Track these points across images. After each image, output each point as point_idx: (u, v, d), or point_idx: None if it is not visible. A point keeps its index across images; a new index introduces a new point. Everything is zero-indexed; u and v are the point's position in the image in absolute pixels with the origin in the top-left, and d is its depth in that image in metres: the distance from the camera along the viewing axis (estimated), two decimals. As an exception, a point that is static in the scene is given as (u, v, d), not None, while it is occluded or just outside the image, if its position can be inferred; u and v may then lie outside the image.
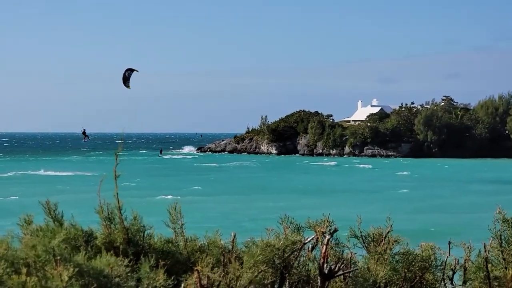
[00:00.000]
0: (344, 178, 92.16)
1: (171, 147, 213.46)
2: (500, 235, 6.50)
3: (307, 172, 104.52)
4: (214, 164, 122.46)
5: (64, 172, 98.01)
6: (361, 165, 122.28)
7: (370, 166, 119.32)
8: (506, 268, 6.42)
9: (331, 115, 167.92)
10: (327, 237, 5.85)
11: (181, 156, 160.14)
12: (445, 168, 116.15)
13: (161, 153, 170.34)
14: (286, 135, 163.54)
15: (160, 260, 5.17)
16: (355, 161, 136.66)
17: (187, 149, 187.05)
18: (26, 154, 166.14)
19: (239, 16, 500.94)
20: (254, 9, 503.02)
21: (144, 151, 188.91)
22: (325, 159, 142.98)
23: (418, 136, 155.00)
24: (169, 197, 57.47)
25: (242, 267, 5.29)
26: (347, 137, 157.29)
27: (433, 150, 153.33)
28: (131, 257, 5.28)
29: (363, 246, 6.50)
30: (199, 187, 75.08)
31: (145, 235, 5.68)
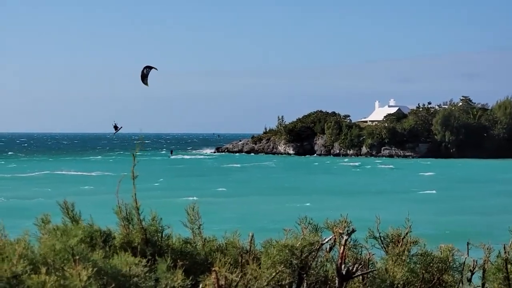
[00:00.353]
0: (367, 179, 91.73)
1: (189, 148, 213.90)
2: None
3: (329, 173, 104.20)
4: (233, 165, 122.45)
5: (84, 172, 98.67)
6: (383, 166, 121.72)
7: (392, 167, 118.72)
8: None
9: (348, 115, 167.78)
10: (345, 237, 5.84)
11: (201, 156, 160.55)
12: (467, 169, 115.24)
13: (171, 153, 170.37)
14: (303, 135, 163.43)
15: (178, 261, 5.18)
16: (376, 161, 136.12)
17: (206, 150, 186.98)
18: (45, 154, 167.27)
19: (255, 16, 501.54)
20: (270, 7, 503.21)
21: (163, 151, 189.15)
22: (346, 159, 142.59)
23: (435, 137, 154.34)
24: (191, 198, 57.21)
25: (260, 268, 5.29)
26: (364, 137, 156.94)
27: (451, 150, 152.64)
28: (149, 257, 5.29)
29: (382, 247, 6.48)
30: (220, 188, 75.09)
31: (163, 236, 5.69)
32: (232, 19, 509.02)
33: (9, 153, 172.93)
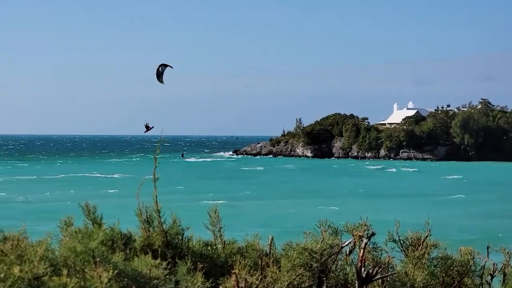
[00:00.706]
0: (393, 182, 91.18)
1: (207, 150, 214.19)
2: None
3: (353, 175, 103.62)
4: (255, 168, 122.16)
5: (107, 174, 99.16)
6: (406, 169, 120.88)
7: (415, 170, 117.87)
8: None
9: (367, 118, 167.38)
10: (365, 241, 5.83)
11: (221, 159, 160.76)
12: (489, 172, 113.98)
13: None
14: (321, 138, 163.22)
15: (198, 263, 5.19)
16: (398, 164, 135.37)
17: (225, 153, 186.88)
18: (66, 157, 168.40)
19: (274, 17, 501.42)
20: (290, 10, 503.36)
21: (186, 153, 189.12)
22: (367, 162, 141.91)
23: (454, 139, 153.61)
24: (213, 201, 56.35)
25: (279, 271, 5.29)
26: (382, 140, 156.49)
27: (470, 153, 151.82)
28: (170, 259, 5.31)
29: (401, 250, 6.46)
30: (243, 191, 74.94)
31: (184, 238, 5.70)
32: (256, 23, 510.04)
33: (31, 155, 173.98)
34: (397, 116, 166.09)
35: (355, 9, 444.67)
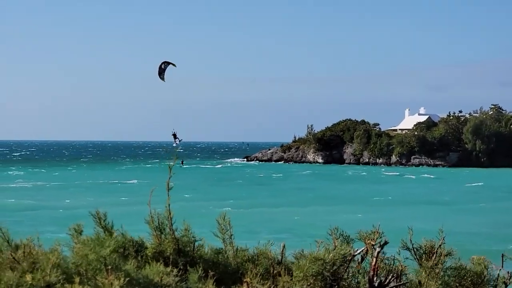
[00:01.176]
0: (418, 189, 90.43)
1: (217, 156, 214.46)
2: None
3: (377, 182, 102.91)
4: (269, 174, 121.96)
5: (123, 180, 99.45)
6: (426, 175, 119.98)
7: (433, 176, 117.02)
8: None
9: (378, 124, 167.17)
10: (377, 250, 5.80)
11: (233, 165, 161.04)
12: (508, 179, 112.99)
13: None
14: (332, 144, 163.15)
15: (209, 271, 5.18)
16: (413, 170, 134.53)
17: (236, 159, 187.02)
18: (83, 162, 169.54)
19: (286, 23, 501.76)
20: (302, 16, 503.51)
21: (197, 159, 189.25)
22: (383, 169, 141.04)
23: (466, 145, 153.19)
24: (226, 208, 55.55)
25: (291, 279, 5.27)
26: (393, 146, 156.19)
27: (482, 159, 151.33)
28: (181, 267, 5.30)
29: (415, 258, 6.41)
30: (264, 197, 74.77)
31: (196, 245, 5.69)
32: (268, 29, 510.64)
33: (46, 161, 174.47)
34: (408, 122, 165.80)
35: (366, 16, 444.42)
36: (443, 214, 58.74)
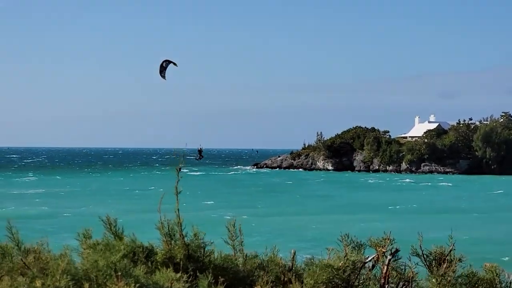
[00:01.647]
0: (435, 196, 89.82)
1: (228, 163, 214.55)
2: None
3: (392, 190, 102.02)
4: (281, 181, 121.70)
5: (140, 188, 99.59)
6: (444, 183, 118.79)
7: (450, 184, 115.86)
8: None
9: (388, 131, 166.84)
10: (388, 257, 5.77)
11: (243, 172, 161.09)
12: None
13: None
14: (342, 151, 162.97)
15: (219, 277, 5.16)
16: (434, 178, 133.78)
17: (245, 166, 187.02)
18: (101, 169, 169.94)
19: (294, 29, 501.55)
20: (310, 23, 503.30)
21: (208, 167, 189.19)
22: (396, 178, 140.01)
23: (476, 153, 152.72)
24: (244, 216, 54.69)
25: (302, 287, 5.25)
26: (403, 153, 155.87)
27: (492, 167, 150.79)
28: (191, 273, 5.29)
29: (425, 265, 6.36)
30: (277, 205, 74.40)
31: (206, 251, 5.67)
32: (277, 35, 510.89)
33: (60, 168, 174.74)
34: (418, 129, 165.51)
35: (375, 23, 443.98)
36: (469, 222, 57.97)
